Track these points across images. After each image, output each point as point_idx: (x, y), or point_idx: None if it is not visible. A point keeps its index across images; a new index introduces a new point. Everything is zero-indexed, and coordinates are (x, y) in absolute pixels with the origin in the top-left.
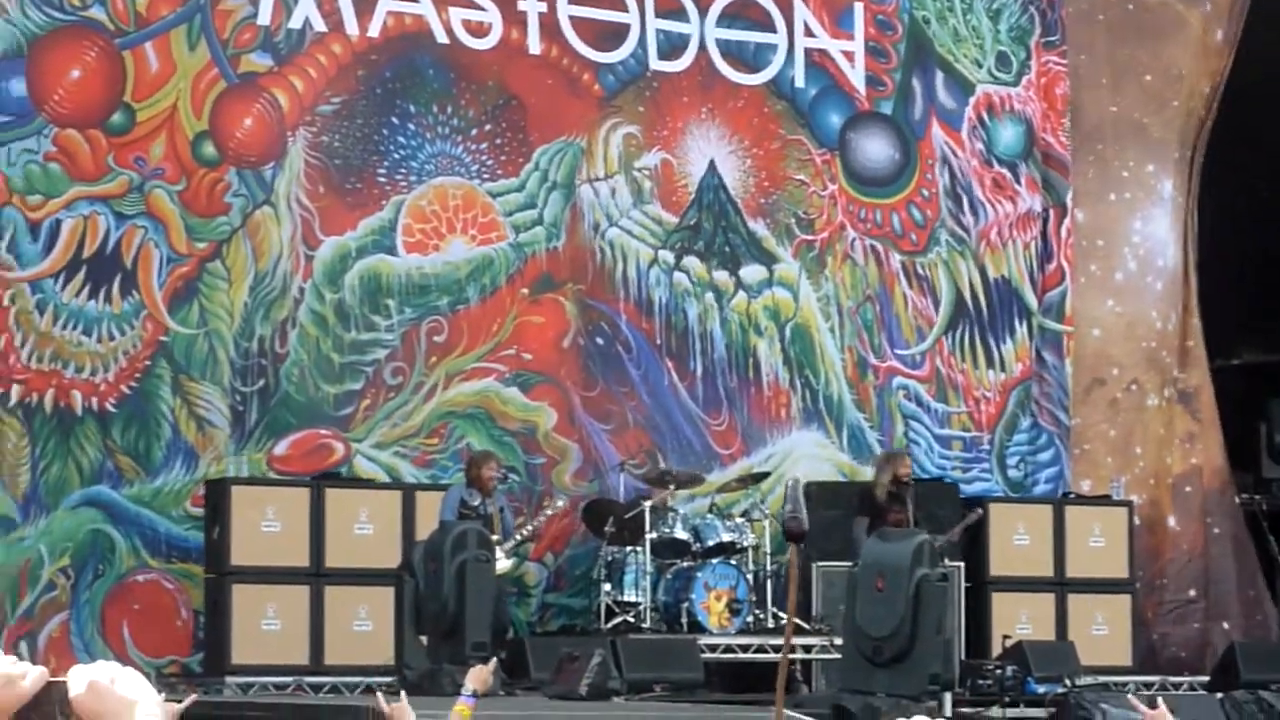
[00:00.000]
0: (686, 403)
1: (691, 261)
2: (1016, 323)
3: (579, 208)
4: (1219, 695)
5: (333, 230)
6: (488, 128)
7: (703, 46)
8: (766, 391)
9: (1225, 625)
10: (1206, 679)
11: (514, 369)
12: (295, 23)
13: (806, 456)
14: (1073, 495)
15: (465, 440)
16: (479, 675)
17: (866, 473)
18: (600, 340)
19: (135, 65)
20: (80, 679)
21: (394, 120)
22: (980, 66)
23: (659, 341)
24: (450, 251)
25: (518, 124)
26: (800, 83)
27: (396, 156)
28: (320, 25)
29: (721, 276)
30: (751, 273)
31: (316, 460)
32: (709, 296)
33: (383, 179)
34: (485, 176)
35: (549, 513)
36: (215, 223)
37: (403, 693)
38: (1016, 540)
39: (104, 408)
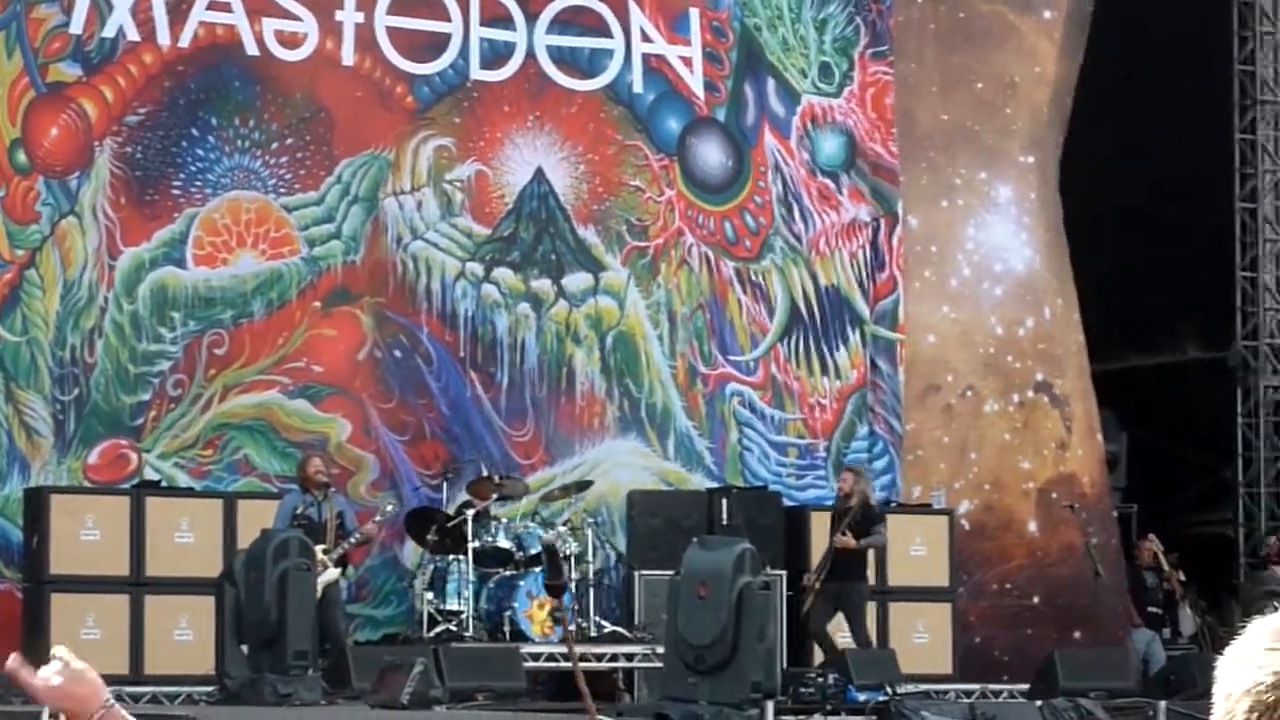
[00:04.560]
0: (489, 413)
1: (503, 273)
2: (849, 330)
3: (381, 221)
4: (1038, 703)
5: (131, 241)
6: (289, 141)
7: (530, 54)
8: (580, 401)
9: (1076, 634)
10: (1026, 687)
11: (301, 381)
12: (109, 31)
13: (622, 465)
14: (894, 504)
15: (242, 451)
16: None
17: (694, 480)
18: (398, 353)
19: None
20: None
21: (194, 132)
22: (805, 76)
23: (462, 353)
24: (238, 265)
25: (322, 136)
26: (638, 88)
27: (193, 169)
28: (133, 34)
29: (542, 285)
30: (575, 281)
31: (117, 470)
32: (522, 307)
33: (177, 192)
34: (282, 190)
35: (379, 519)
36: (29, 230)
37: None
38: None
39: None
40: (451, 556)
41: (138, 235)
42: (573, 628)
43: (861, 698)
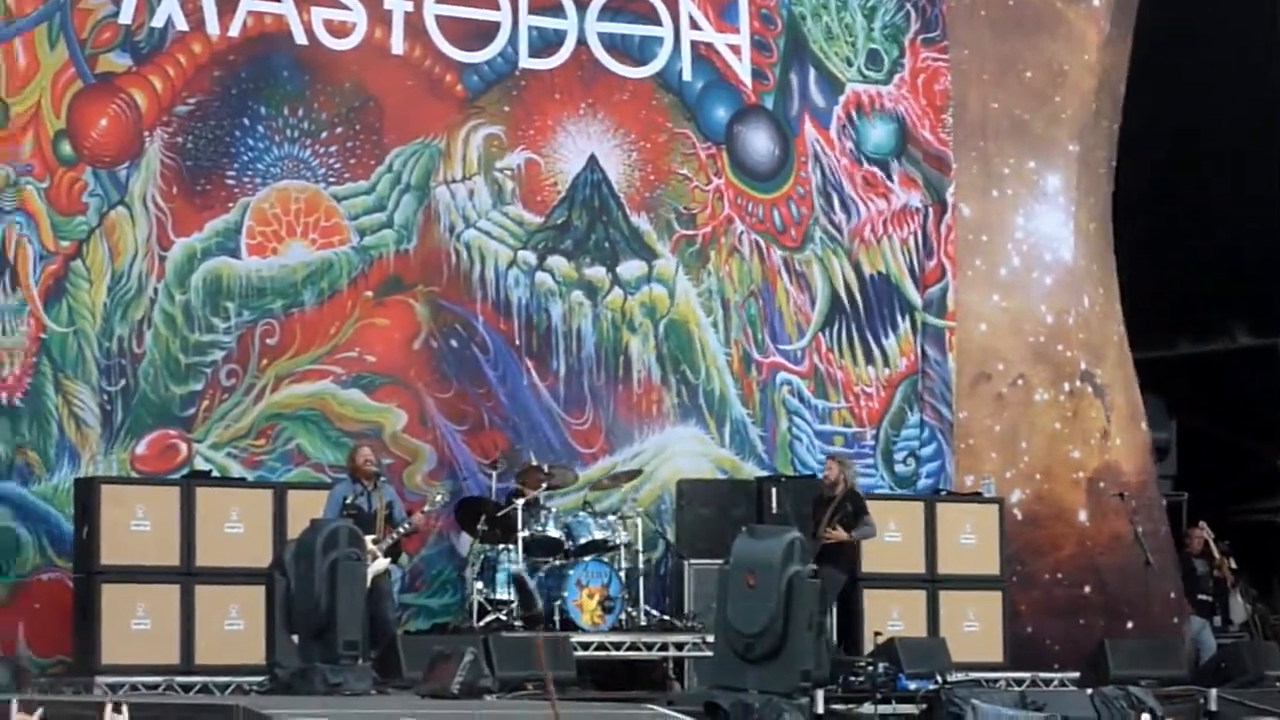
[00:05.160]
0: (547, 402)
1: (557, 261)
2: (899, 318)
3: (433, 209)
4: (1089, 691)
5: (183, 231)
6: (339, 130)
7: (582, 41)
8: (637, 389)
9: (1129, 625)
10: (1077, 675)
11: (354, 371)
12: (158, 21)
13: (683, 453)
14: (944, 493)
15: (295, 441)
16: None
17: (747, 469)
18: (454, 342)
19: (6, 61)
20: None
21: (245, 122)
22: (850, 65)
23: (518, 342)
24: (288, 255)
25: (372, 125)
26: (688, 76)
27: (245, 158)
28: (182, 24)
29: (596, 273)
30: (630, 268)
31: (167, 460)
32: (576, 295)
33: (231, 181)
34: (332, 180)
35: (428, 509)
36: (75, 222)
37: None
38: (888, 537)
39: (12, 402)
40: (501, 546)
41: (190, 225)
42: (622, 616)
43: (912, 686)
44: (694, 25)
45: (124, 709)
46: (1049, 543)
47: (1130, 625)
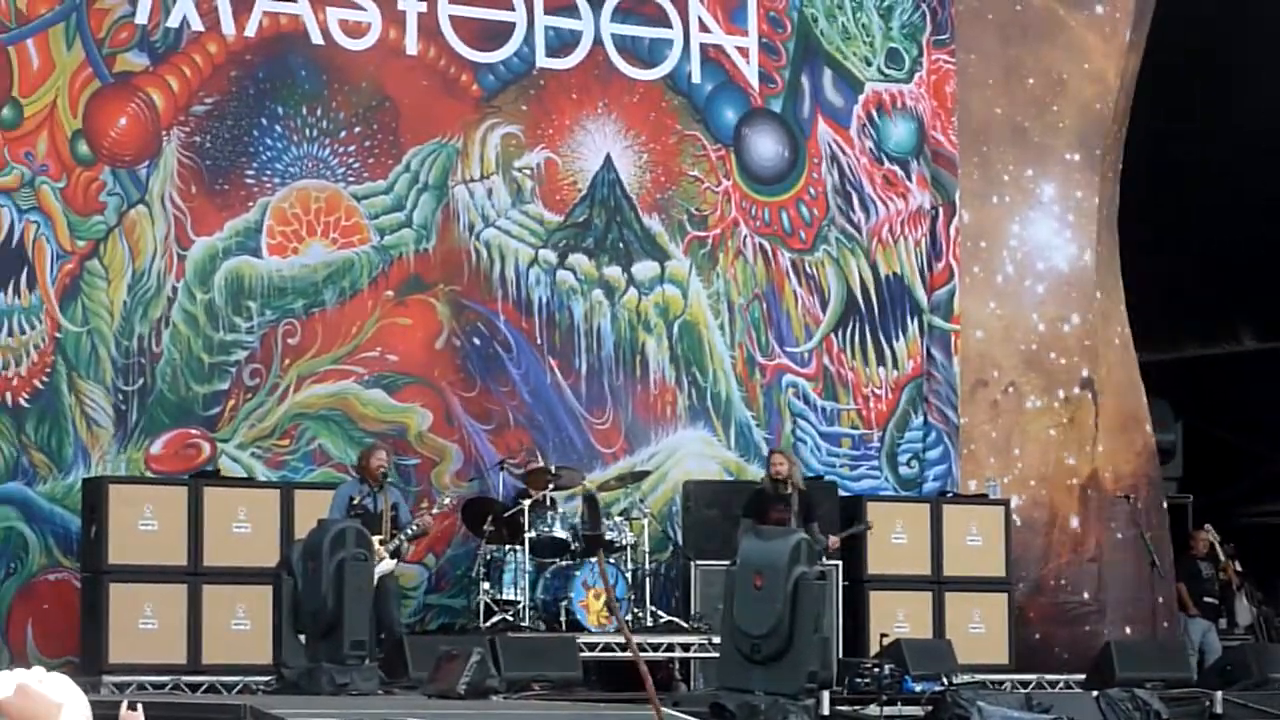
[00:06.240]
0: (570, 401)
1: (578, 259)
2: (908, 320)
3: (452, 209)
4: (1095, 693)
5: (203, 230)
6: (357, 129)
7: (597, 41)
8: (653, 389)
9: (1128, 630)
10: (1083, 677)
11: (376, 371)
12: (173, 21)
13: (692, 455)
14: (950, 494)
15: (317, 441)
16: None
17: (752, 471)
18: (477, 341)
19: (19, 61)
20: (8, 682)
21: (263, 121)
22: (870, 64)
23: (539, 340)
24: (308, 254)
25: (389, 125)
26: (696, 78)
27: (264, 158)
28: (198, 24)
29: (613, 272)
30: (644, 269)
31: (186, 460)
32: (596, 294)
33: (250, 180)
34: (351, 179)
35: (435, 511)
36: (92, 221)
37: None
38: (894, 539)
39: (17, 402)
40: (508, 546)
41: (210, 225)
42: (628, 618)
43: (918, 688)
44: (703, 28)
45: (139, 707)
46: (1049, 549)
47: (1128, 630)
